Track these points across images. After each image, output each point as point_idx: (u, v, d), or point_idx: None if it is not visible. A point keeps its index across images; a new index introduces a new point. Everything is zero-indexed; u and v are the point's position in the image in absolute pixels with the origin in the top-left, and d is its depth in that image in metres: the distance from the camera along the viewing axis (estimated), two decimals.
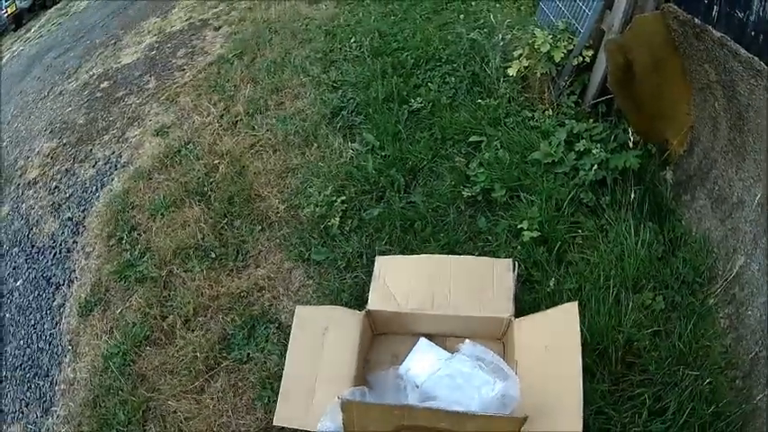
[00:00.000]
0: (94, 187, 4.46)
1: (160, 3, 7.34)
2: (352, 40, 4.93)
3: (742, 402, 2.43)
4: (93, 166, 4.67)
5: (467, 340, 2.40)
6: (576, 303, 2.35)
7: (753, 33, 2.46)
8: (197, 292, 3.34)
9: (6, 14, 12.88)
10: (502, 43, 4.12)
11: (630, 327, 2.68)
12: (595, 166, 3.23)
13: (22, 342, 3.68)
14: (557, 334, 2.34)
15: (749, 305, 2.58)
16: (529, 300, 2.86)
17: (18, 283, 4.06)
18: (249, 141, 4.22)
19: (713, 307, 2.76)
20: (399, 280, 2.65)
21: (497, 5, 5.04)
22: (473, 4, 5.18)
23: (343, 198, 3.53)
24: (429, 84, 4.24)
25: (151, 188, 4.11)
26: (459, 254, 3.09)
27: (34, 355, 3.51)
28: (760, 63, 2.40)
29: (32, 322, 3.72)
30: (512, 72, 3.86)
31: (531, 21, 4.32)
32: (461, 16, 4.96)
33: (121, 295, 3.51)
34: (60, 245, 4.13)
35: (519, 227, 3.13)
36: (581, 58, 3.65)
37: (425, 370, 2.42)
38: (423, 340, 2.58)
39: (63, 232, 4.22)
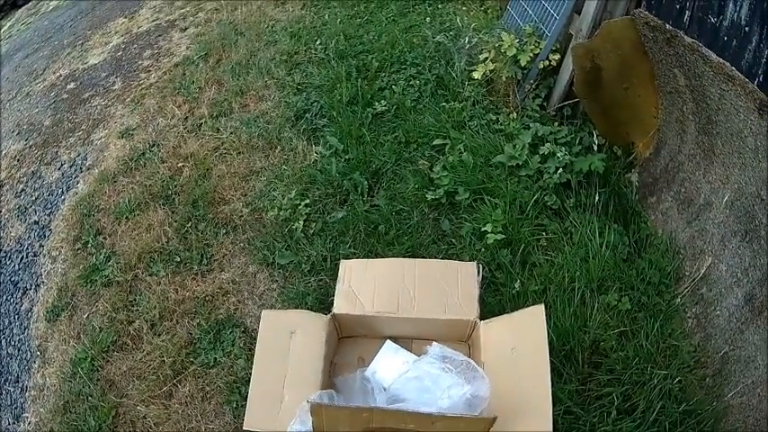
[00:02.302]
0: (60, 190, 4.31)
1: (128, 3, 7.12)
2: (317, 43, 4.85)
3: (713, 400, 2.44)
4: (59, 169, 4.52)
5: (434, 342, 2.35)
6: (542, 306, 2.32)
7: (725, 38, 2.45)
8: (162, 296, 3.25)
9: None
10: (468, 46, 4.09)
11: (596, 327, 2.67)
12: (560, 169, 3.22)
13: None
14: (523, 336, 2.32)
15: (718, 305, 2.58)
16: (493, 302, 2.84)
17: None
18: (213, 144, 4.12)
19: (680, 307, 2.76)
20: (364, 283, 2.61)
21: (464, 8, 4.98)
22: (440, 7, 5.10)
23: (307, 201, 3.48)
24: (393, 87, 4.18)
25: (116, 191, 3.99)
26: (424, 256, 3.06)
27: (3, 361, 3.39)
28: (731, 68, 2.39)
29: (0, 327, 3.58)
30: (477, 75, 3.85)
31: (497, 24, 4.30)
32: (428, 19, 4.90)
33: (88, 300, 3.41)
34: (27, 249, 3.99)
35: (483, 229, 3.10)
36: (547, 62, 3.65)
37: (392, 372, 2.38)
38: (389, 343, 2.54)
39: (29, 236, 4.07)
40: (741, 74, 2.36)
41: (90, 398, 2.94)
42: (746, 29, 2.33)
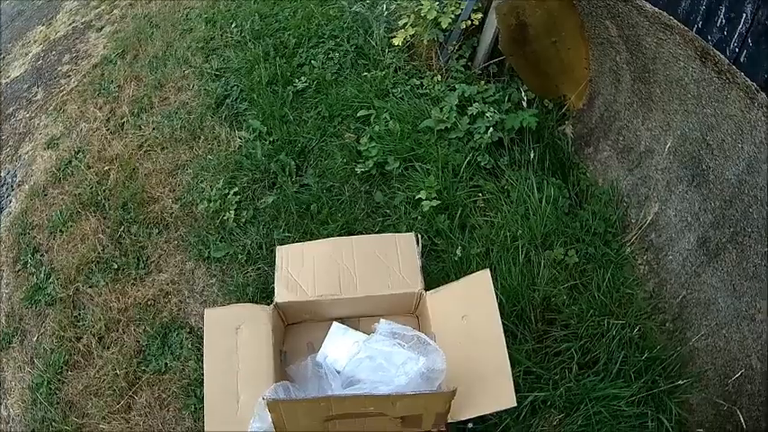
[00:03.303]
0: None
1: (45, 10, 6.70)
2: (232, 26, 4.53)
3: (677, 345, 2.36)
4: None
5: (381, 319, 2.23)
6: (488, 270, 2.20)
7: None
8: (105, 306, 3.05)
9: None
10: (386, 13, 3.91)
11: (545, 284, 2.57)
12: (490, 129, 3.08)
13: None
14: (472, 302, 2.22)
15: (669, 250, 2.51)
16: (436, 270, 2.71)
17: None
18: (137, 142, 3.84)
19: (630, 255, 2.68)
20: (302, 268, 2.45)
21: None
22: None
23: (236, 189, 3.28)
24: (313, 62, 3.95)
25: (47, 204, 3.71)
26: (359, 231, 2.92)
27: None
28: (669, 18, 2.30)
29: None
30: (397, 42, 3.63)
31: None
32: None
33: (35, 322, 3.18)
34: None
35: (417, 197, 2.96)
36: (469, 22, 3.45)
37: (344, 354, 2.27)
38: (335, 325, 2.40)
39: None
40: (679, 22, 2.27)
41: (54, 423, 2.76)
42: None
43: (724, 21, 2.11)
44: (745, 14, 2.02)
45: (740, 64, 2.07)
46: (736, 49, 2.08)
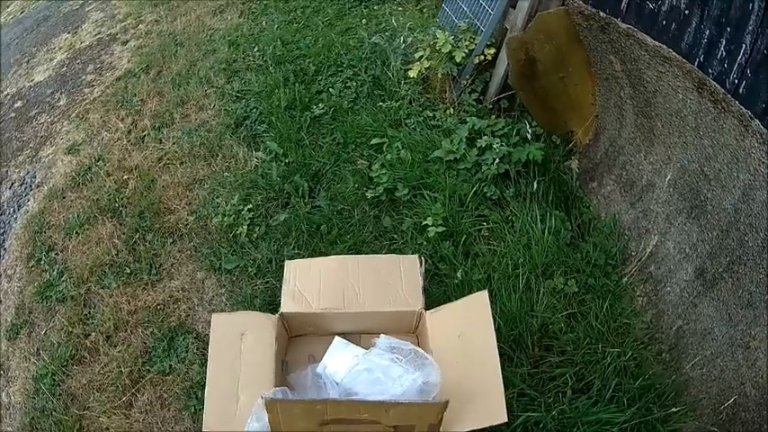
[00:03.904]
0: (12, 209, 4.12)
1: (71, 18, 6.86)
2: (255, 50, 4.70)
3: (672, 374, 2.39)
4: (10, 188, 4.32)
5: (381, 335, 2.29)
6: (486, 291, 2.26)
7: (664, 22, 2.41)
8: (115, 307, 3.13)
9: None
10: (403, 46, 4.04)
11: (544, 311, 2.63)
12: (497, 161, 3.17)
13: None
14: (469, 322, 2.28)
15: (668, 281, 2.54)
16: (438, 292, 2.79)
17: None
18: (157, 155, 3.97)
19: (629, 286, 2.72)
20: (309, 282, 2.52)
21: (400, 9, 4.92)
22: (375, 8, 5.03)
23: (250, 206, 3.38)
24: (331, 89, 4.09)
25: (65, 207, 3.82)
26: (366, 253, 3.00)
27: None
28: (669, 51, 2.36)
29: None
30: (413, 74, 3.77)
31: (432, 23, 4.27)
32: (363, 21, 4.80)
33: (44, 316, 3.27)
34: None
35: (424, 223, 3.05)
36: (483, 57, 3.58)
37: (343, 367, 2.32)
38: (337, 339, 2.47)
39: None
40: (680, 55, 2.33)
41: (54, 413, 2.82)
42: (686, 12, 2.30)
43: (724, 53, 2.16)
44: (744, 45, 2.07)
45: (739, 95, 2.11)
46: (736, 81, 2.12)
